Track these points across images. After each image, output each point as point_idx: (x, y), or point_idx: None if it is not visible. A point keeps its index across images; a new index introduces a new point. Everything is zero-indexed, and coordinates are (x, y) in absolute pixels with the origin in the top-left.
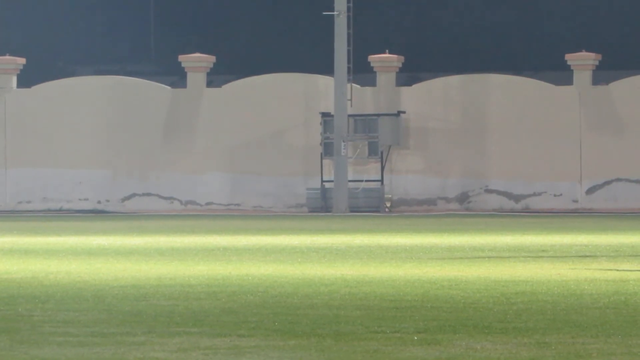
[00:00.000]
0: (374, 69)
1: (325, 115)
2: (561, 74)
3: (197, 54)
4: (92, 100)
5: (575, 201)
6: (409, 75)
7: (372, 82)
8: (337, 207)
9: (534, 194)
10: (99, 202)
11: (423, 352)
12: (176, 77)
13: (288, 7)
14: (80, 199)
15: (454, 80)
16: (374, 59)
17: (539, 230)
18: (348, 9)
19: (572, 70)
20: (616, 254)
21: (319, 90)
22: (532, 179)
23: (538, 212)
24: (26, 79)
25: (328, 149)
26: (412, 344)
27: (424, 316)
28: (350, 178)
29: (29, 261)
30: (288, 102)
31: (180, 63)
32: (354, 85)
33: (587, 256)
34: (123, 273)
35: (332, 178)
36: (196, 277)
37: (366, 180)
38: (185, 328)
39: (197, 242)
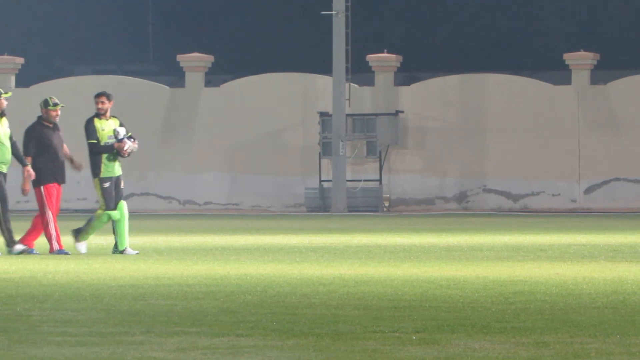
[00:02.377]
0: (372, 69)
1: (323, 114)
2: (559, 74)
3: (196, 54)
4: (90, 100)
5: (574, 201)
6: (407, 74)
7: (370, 82)
8: (335, 207)
9: (533, 194)
10: (97, 201)
11: (421, 351)
12: (174, 76)
13: (286, 7)
14: (78, 199)
15: (452, 80)
16: (372, 58)
17: (537, 229)
18: (346, 8)
19: (571, 70)
20: (614, 253)
21: (317, 90)
22: (531, 179)
23: (536, 212)
24: (24, 79)
25: (326, 149)
26: (410, 344)
27: (423, 316)
28: (348, 178)
29: (27, 261)
30: (286, 101)
31: (178, 63)
32: (352, 84)
33: (586, 256)
34: (121, 273)
35: (330, 178)
36: (194, 277)
37: (364, 180)
38: (184, 328)
39: (195, 241)
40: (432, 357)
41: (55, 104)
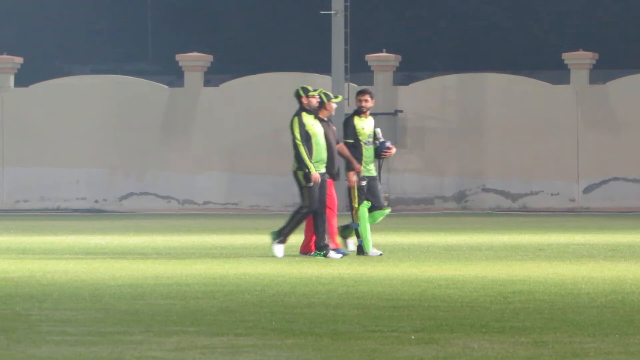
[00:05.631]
0: (371, 68)
1: None
2: (558, 73)
3: (195, 53)
4: (89, 99)
5: (573, 200)
6: (406, 74)
7: (369, 82)
8: None
9: (531, 193)
10: (96, 201)
11: (420, 351)
12: (174, 76)
13: (285, 6)
14: (77, 198)
15: (451, 80)
16: (371, 58)
17: (536, 229)
18: (345, 8)
19: (570, 70)
20: (613, 253)
21: None
22: (530, 178)
23: (535, 211)
24: (24, 78)
25: None
26: (409, 343)
27: (421, 315)
28: None
29: (27, 260)
30: (285, 101)
31: (177, 62)
32: (351, 84)
33: (584, 255)
34: (120, 272)
35: None
36: (193, 276)
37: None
38: (183, 327)
39: (194, 241)
40: (431, 357)
41: (331, 97)
